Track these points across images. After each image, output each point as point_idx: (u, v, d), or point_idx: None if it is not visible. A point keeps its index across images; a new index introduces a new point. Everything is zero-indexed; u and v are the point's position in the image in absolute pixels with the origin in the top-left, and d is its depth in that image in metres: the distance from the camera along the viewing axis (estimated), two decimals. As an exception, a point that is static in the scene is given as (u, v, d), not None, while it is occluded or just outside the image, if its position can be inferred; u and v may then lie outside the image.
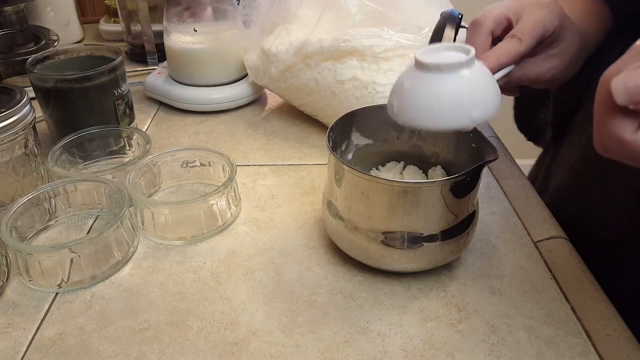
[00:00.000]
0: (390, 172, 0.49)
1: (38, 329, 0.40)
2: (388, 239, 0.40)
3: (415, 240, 0.40)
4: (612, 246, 0.48)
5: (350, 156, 0.50)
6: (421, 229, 0.40)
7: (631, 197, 0.46)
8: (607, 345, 0.38)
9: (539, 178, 0.63)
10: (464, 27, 0.47)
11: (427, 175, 0.48)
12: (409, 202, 0.39)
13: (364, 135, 0.49)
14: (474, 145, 0.41)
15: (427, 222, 0.40)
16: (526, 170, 0.62)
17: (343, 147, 0.49)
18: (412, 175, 0.48)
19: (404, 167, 0.49)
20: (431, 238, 0.40)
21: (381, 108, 0.47)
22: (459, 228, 0.41)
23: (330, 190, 0.44)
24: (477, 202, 0.44)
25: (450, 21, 0.45)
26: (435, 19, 0.49)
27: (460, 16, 0.47)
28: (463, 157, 0.44)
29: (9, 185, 0.50)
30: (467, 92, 0.34)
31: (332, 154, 0.41)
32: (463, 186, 0.39)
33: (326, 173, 0.46)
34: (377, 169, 0.50)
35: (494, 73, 0.38)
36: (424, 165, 0.49)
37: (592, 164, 0.50)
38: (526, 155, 0.77)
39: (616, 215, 0.48)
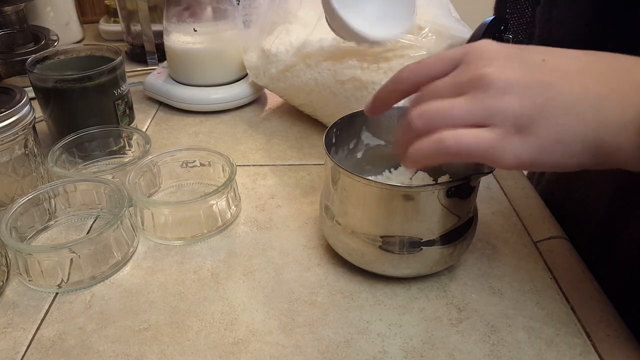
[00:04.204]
0: (401, 177, 0.49)
1: (38, 329, 0.40)
2: (386, 244, 0.40)
3: (414, 245, 0.40)
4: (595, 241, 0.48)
5: (359, 155, 0.50)
6: (420, 233, 0.40)
7: (611, 193, 0.47)
8: (607, 345, 0.38)
9: (535, 172, 0.64)
10: (509, 36, 0.45)
11: (436, 182, 0.48)
12: (404, 206, 0.39)
13: (375, 135, 0.49)
14: None
15: (426, 227, 0.40)
16: (526, 169, 0.63)
17: (351, 145, 0.49)
18: (420, 181, 0.48)
19: (415, 173, 0.49)
20: (430, 243, 0.40)
21: (394, 109, 0.47)
22: (458, 232, 0.41)
23: (327, 193, 0.44)
24: (476, 208, 0.44)
25: (489, 29, 0.44)
26: (436, 18, 0.49)
27: (502, 26, 0.45)
28: (471, 169, 0.44)
29: (9, 185, 0.50)
30: None
31: (328, 156, 0.41)
32: (459, 192, 0.39)
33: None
34: (389, 172, 0.50)
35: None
36: (435, 173, 0.48)
37: None
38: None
39: (598, 208, 0.49)
